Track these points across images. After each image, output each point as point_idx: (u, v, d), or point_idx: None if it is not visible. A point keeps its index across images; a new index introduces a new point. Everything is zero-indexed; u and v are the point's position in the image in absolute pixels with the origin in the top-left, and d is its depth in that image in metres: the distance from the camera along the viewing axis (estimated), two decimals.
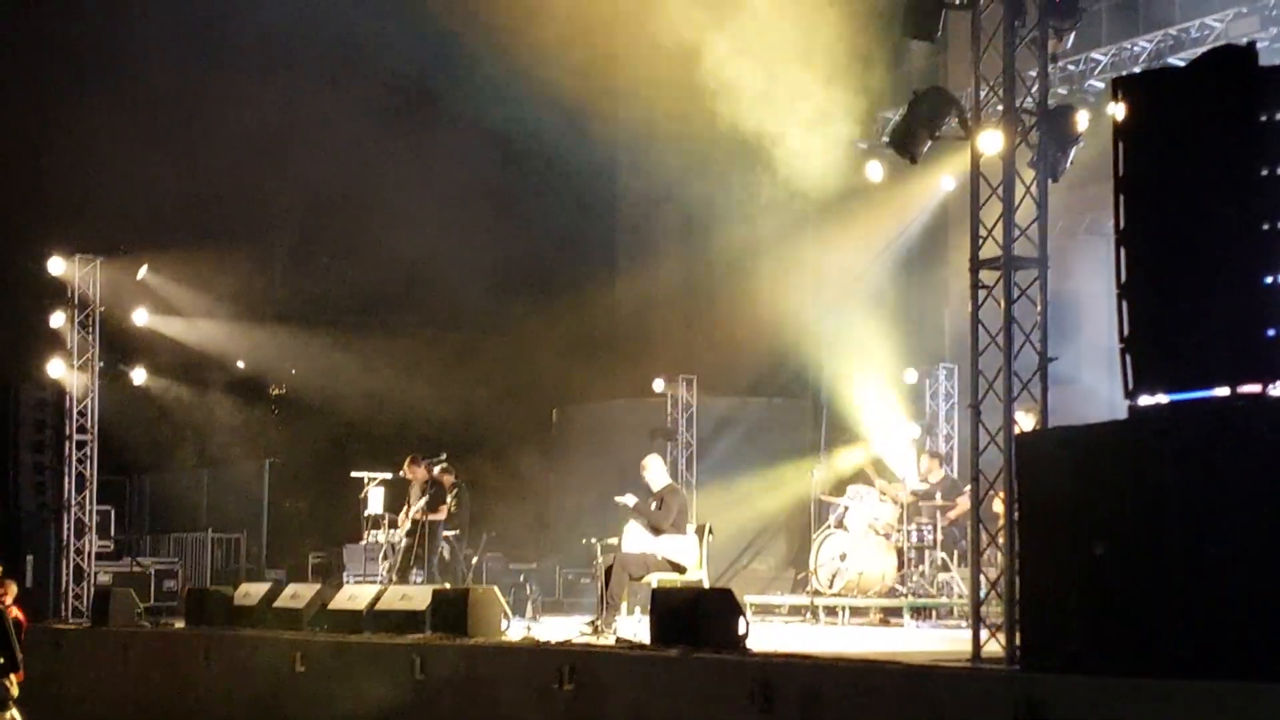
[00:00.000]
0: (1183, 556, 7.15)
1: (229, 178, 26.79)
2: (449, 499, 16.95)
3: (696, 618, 10.15)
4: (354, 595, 13.57)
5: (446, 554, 17.03)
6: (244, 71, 25.68)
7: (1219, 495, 7.07)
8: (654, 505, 13.71)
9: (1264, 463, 6.98)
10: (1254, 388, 7.33)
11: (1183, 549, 7.16)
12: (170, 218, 25.56)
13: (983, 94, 9.89)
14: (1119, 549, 7.42)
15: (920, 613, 15.41)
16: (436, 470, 17.29)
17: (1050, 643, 7.79)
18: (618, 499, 13.82)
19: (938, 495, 16.24)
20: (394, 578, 16.26)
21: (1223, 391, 7.44)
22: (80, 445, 17.31)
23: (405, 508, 17.02)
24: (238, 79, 25.88)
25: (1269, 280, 7.33)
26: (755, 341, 25.48)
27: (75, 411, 17.30)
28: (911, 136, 10.52)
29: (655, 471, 14.03)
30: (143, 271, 18.88)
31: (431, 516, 16.66)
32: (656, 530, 13.34)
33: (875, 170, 18.77)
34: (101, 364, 17.61)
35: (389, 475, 17.71)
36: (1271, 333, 7.28)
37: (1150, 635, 7.23)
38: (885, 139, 11.28)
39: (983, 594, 9.54)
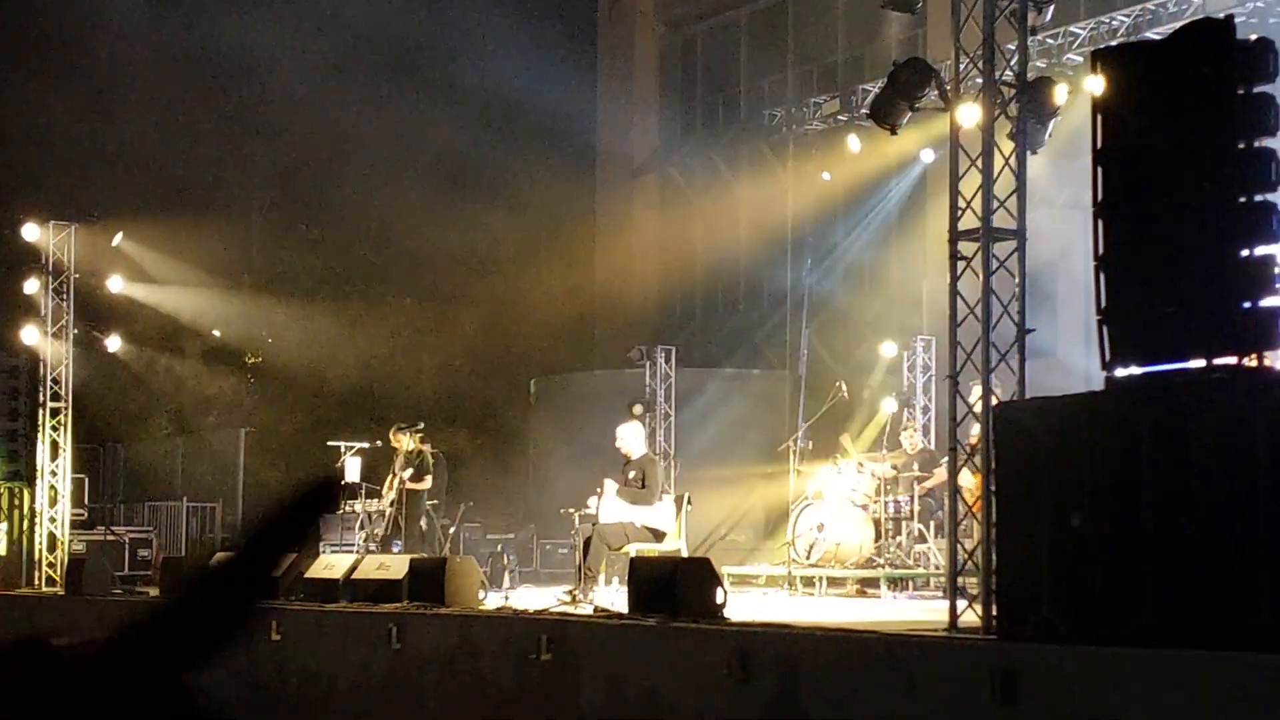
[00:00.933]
0: (1157, 527, 7.19)
1: (205, 145, 26.68)
2: (410, 467, 16.99)
3: (674, 587, 10.17)
4: (331, 564, 13.56)
5: (424, 524, 17.02)
6: (220, 36, 25.53)
7: (1194, 466, 7.10)
8: (631, 475, 13.71)
9: (1238, 434, 7.01)
10: (1229, 360, 7.37)
11: (1157, 520, 7.20)
12: (146, 185, 25.44)
13: (962, 66, 9.88)
14: (1095, 519, 7.46)
15: (897, 583, 15.47)
16: (416, 439, 17.27)
17: (1026, 612, 7.83)
18: (593, 499, 13.72)
19: (915, 466, 16.30)
20: (375, 547, 16.26)
21: (1199, 363, 7.47)
22: (54, 413, 17.23)
23: (390, 477, 17.00)
24: (215, 44, 25.73)
25: (1245, 253, 7.36)
26: (734, 312, 25.53)
27: (49, 379, 17.21)
28: (891, 108, 10.52)
29: (633, 440, 14.03)
30: (118, 238, 18.77)
31: (415, 486, 16.65)
32: (648, 503, 13.36)
33: (854, 142, 18.77)
34: (76, 331, 17.52)
35: (365, 445, 17.67)
36: (1247, 305, 7.32)
37: (1125, 605, 7.27)
38: (865, 110, 11.27)
39: (959, 564, 9.59)
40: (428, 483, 16.75)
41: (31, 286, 17.43)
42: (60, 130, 25.29)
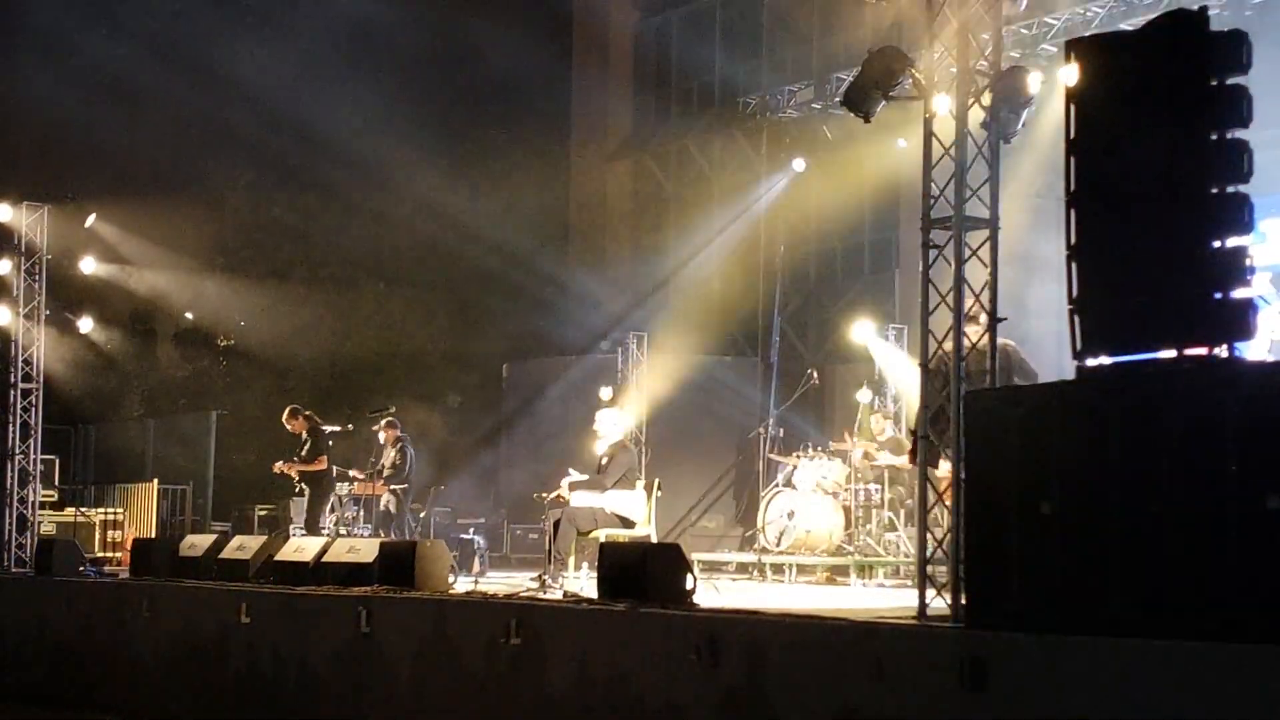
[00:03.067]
0: (1126, 516, 7.23)
1: (179, 128, 26.55)
2: (393, 453, 17.03)
3: (644, 573, 10.17)
4: (301, 547, 13.52)
5: (392, 507, 17.04)
6: (194, 18, 25.39)
7: (1163, 456, 7.14)
8: (603, 461, 13.72)
9: (1207, 425, 7.04)
10: (1200, 350, 7.40)
11: (1126, 509, 7.23)
12: (120, 166, 25.31)
13: (936, 55, 9.89)
14: (1064, 508, 7.49)
15: (867, 571, 15.53)
16: (383, 424, 17.30)
17: (995, 601, 7.86)
18: (563, 482, 13.74)
19: (885, 453, 16.35)
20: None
21: (1169, 353, 7.50)
22: (25, 394, 17.13)
23: (381, 468, 17.07)
24: (189, 28, 25.59)
25: (1216, 244, 7.38)
26: (707, 299, 25.53)
27: (20, 360, 17.11)
28: (865, 96, 10.51)
29: (606, 427, 14.04)
30: (91, 219, 18.69)
31: (308, 468, 16.73)
32: (600, 489, 13.37)
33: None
34: (48, 312, 17.43)
35: (337, 428, 17.65)
36: (1219, 296, 7.34)
37: (1094, 594, 7.31)
38: (839, 99, 11.27)
39: (929, 552, 9.61)
40: (322, 463, 16.78)
41: (4, 267, 17.33)
42: (34, 111, 25.13)
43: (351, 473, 17.16)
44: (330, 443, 17.07)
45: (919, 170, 9.70)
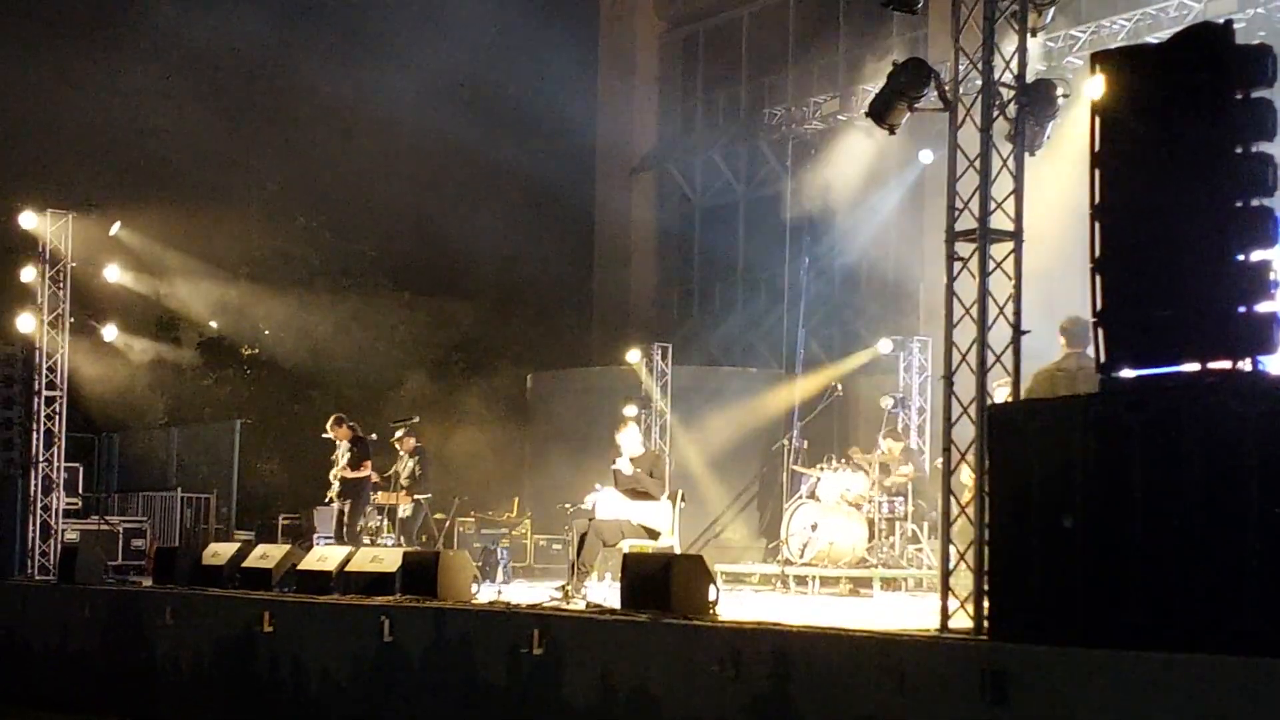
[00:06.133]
0: (1148, 530, 7.20)
1: (205, 137, 26.68)
2: (410, 463, 17.10)
3: (667, 584, 10.17)
4: (324, 556, 13.55)
5: (410, 513, 17.10)
6: (223, 26, 25.51)
7: (1185, 470, 7.11)
8: (642, 472, 13.69)
9: (1230, 439, 7.01)
10: (1223, 364, 7.37)
11: (1148, 522, 7.20)
12: (145, 175, 25.44)
13: (962, 67, 9.89)
14: (1087, 521, 7.46)
15: (890, 583, 15.49)
16: (400, 434, 17.35)
17: (1017, 613, 7.83)
18: (615, 467, 13.76)
19: (900, 468, 16.38)
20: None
21: (1193, 367, 7.48)
22: (49, 401, 17.22)
23: (397, 476, 17.14)
24: (218, 34, 25.71)
25: (1240, 257, 7.36)
26: (731, 310, 25.52)
27: (45, 367, 17.19)
28: (890, 107, 10.51)
29: (633, 443, 14.02)
30: (115, 228, 18.77)
31: (353, 475, 16.78)
32: (648, 497, 13.36)
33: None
34: (72, 320, 17.51)
35: (375, 437, 17.70)
36: (1242, 309, 7.32)
37: (1115, 607, 7.28)
38: (864, 110, 11.29)
39: (951, 565, 9.59)
40: (366, 469, 16.83)
41: (28, 275, 17.42)
42: (60, 119, 25.28)
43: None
44: (372, 451, 17.13)
45: (944, 182, 9.69)
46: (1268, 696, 6.53)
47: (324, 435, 17.27)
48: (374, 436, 17.82)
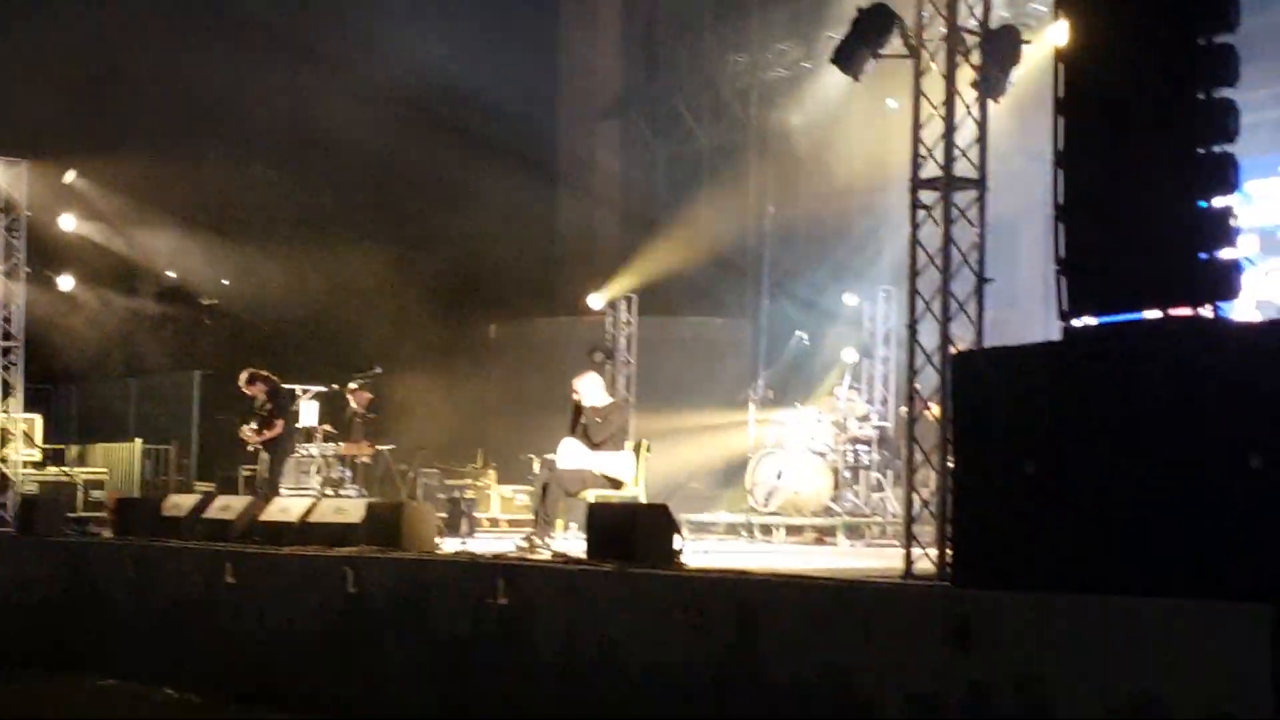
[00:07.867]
0: (1110, 476, 7.23)
1: (161, 84, 26.32)
2: (364, 413, 17.07)
3: (632, 533, 10.17)
4: (286, 508, 13.50)
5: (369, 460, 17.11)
6: None
7: (1147, 416, 7.13)
8: (599, 421, 13.63)
9: (1191, 384, 7.04)
10: (1185, 310, 7.38)
11: (1110, 468, 7.23)
12: (100, 122, 25.08)
13: (926, 13, 9.84)
14: (1049, 467, 7.49)
15: (854, 531, 15.56)
16: (354, 385, 17.26)
17: (980, 559, 7.87)
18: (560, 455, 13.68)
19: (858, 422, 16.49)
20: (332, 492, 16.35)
21: (1155, 314, 7.49)
22: (6, 352, 17.06)
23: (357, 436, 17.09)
24: None
25: (1203, 204, 7.36)
26: (696, 260, 25.45)
27: (1, 318, 17.03)
28: (854, 55, 10.48)
29: (593, 391, 13.89)
30: (70, 176, 18.55)
31: (264, 436, 16.67)
32: (593, 445, 13.31)
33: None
34: (28, 270, 17.32)
35: (322, 388, 17.60)
36: (1204, 256, 7.32)
37: (1078, 552, 7.32)
38: (829, 57, 11.24)
39: (915, 512, 9.63)
40: (278, 429, 16.69)
41: None
42: (11, 64, 24.88)
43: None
44: (291, 405, 16.95)
45: (909, 130, 9.67)
46: (1232, 639, 6.57)
47: (240, 392, 17.07)
48: (335, 387, 17.73)
